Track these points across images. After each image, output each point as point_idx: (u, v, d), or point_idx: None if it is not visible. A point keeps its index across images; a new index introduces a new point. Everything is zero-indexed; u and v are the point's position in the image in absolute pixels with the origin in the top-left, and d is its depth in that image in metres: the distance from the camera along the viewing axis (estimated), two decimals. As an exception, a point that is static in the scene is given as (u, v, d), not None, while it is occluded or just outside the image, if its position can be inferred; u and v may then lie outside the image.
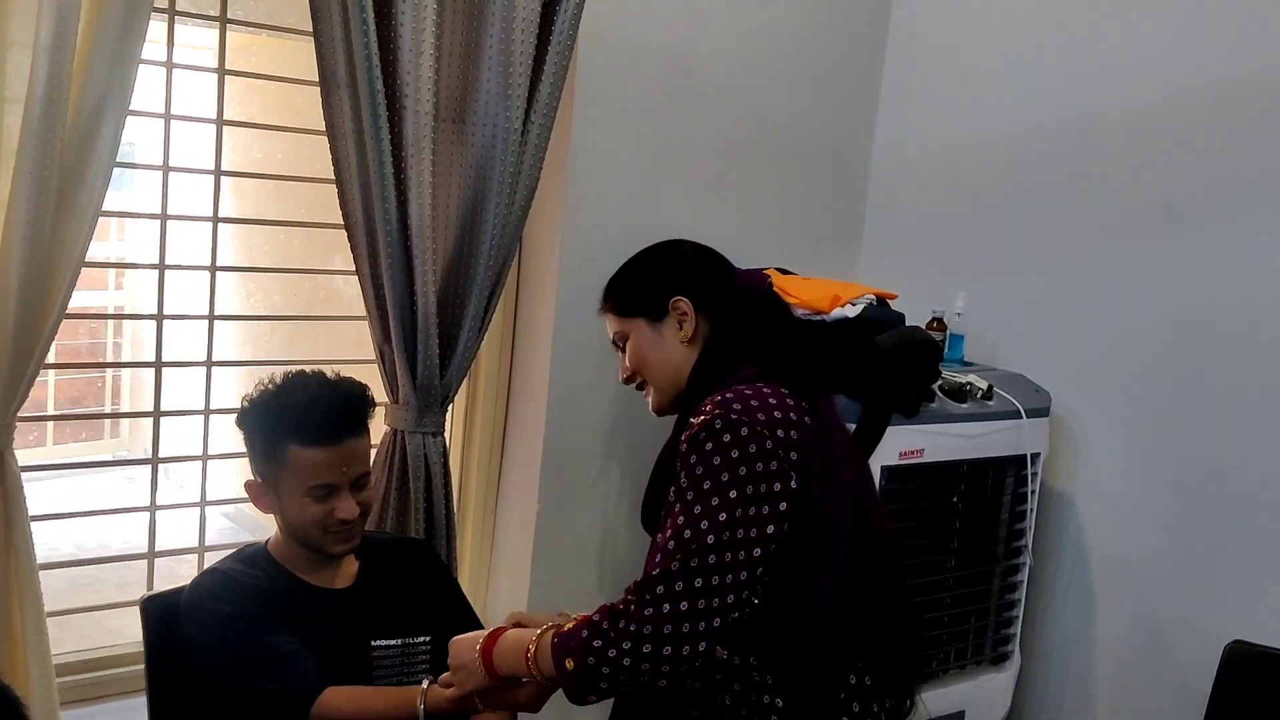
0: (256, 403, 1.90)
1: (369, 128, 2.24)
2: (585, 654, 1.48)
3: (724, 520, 1.48)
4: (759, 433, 1.51)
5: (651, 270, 1.80)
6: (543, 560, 2.78)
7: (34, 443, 6.53)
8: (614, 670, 1.46)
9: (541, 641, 1.57)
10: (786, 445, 1.53)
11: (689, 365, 1.72)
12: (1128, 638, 2.83)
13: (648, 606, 1.46)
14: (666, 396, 1.76)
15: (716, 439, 1.51)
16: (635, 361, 1.77)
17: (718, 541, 1.47)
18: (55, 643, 2.41)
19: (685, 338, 1.72)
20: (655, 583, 1.47)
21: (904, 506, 2.58)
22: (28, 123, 1.88)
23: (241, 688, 1.80)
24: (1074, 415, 2.88)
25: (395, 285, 2.35)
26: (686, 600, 1.46)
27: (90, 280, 6.69)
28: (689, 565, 1.46)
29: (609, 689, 1.50)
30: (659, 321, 1.75)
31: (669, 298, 1.73)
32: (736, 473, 1.49)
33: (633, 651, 1.45)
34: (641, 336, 1.76)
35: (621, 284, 1.82)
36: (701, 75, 2.89)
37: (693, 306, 1.72)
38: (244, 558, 1.97)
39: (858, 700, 1.60)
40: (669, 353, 1.73)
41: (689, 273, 1.77)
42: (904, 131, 3.25)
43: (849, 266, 3.31)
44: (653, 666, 1.46)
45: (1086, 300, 2.87)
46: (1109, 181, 2.83)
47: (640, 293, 1.77)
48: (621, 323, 1.79)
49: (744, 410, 1.53)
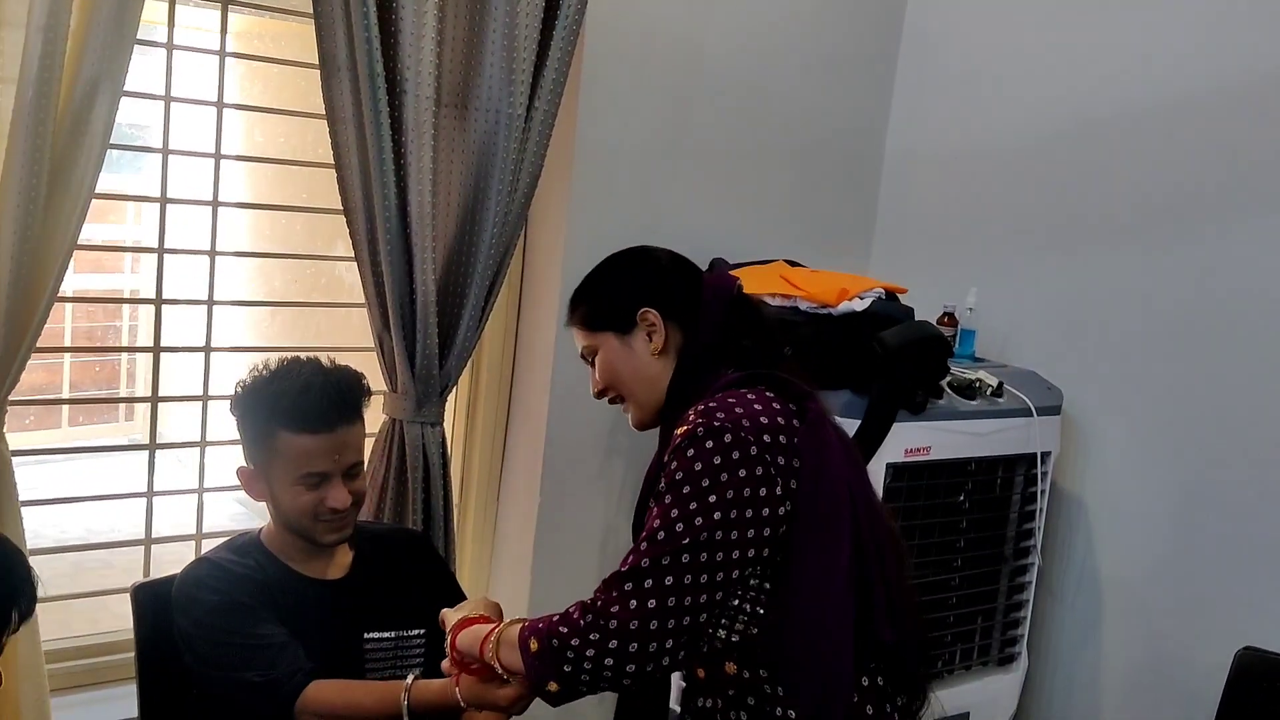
0: (249, 388, 1.87)
1: (369, 112, 2.21)
2: (550, 638, 1.46)
3: (700, 523, 1.45)
4: (743, 439, 1.48)
5: (616, 281, 1.73)
6: (544, 554, 2.76)
7: (50, 425, 6.56)
8: (577, 659, 1.44)
9: (508, 629, 1.57)
10: (774, 450, 1.50)
11: (664, 378, 1.67)
12: (1137, 640, 2.79)
13: (614, 603, 1.44)
14: (646, 411, 1.71)
15: (699, 445, 1.48)
16: (606, 377, 1.72)
17: (693, 542, 1.44)
18: (61, 627, 2.41)
19: (655, 349, 1.67)
20: (625, 579, 1.45)
21: (910, 505, 2.54)
22: (20, 103, 1.85)
23: (227, 678, 1.78)
24: (1086, 414, 2.84)
25: (394, 272, 2.32)
26: (655, 598, 1.43)
27: (105, 264, 6.73)
28: (660, 563, 1.44)
29: (570, 676, 1.46)
30: (627, 334, 1.69)
31: (636, 309, 1.67)
32: (718, 478, 1.46)
33: (598, 644, 1.43)
34: (610, 350, 1.70)
35: (586, 296, 1.75)
36: (711, 63, 2.85)
37: (661, 317, 1.67)
38: (236, 546, 1.95)
39: (871, 703, 1.57)
40: (640, 366, 1.68)
41: (655, 281, 1.70)
42: (917, 124, 3.21)
43: (860, 260, 3.27)
44: (616, 663, 1.43)
45: (1101, 297, 2.83)
46: (1125, 177, 2.79)
47: (606, 305, 1.71)
48: (589, 337, 1.73)
49: (728, 417, 1.50)
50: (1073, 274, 2.88)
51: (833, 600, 1.52)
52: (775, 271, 2.71)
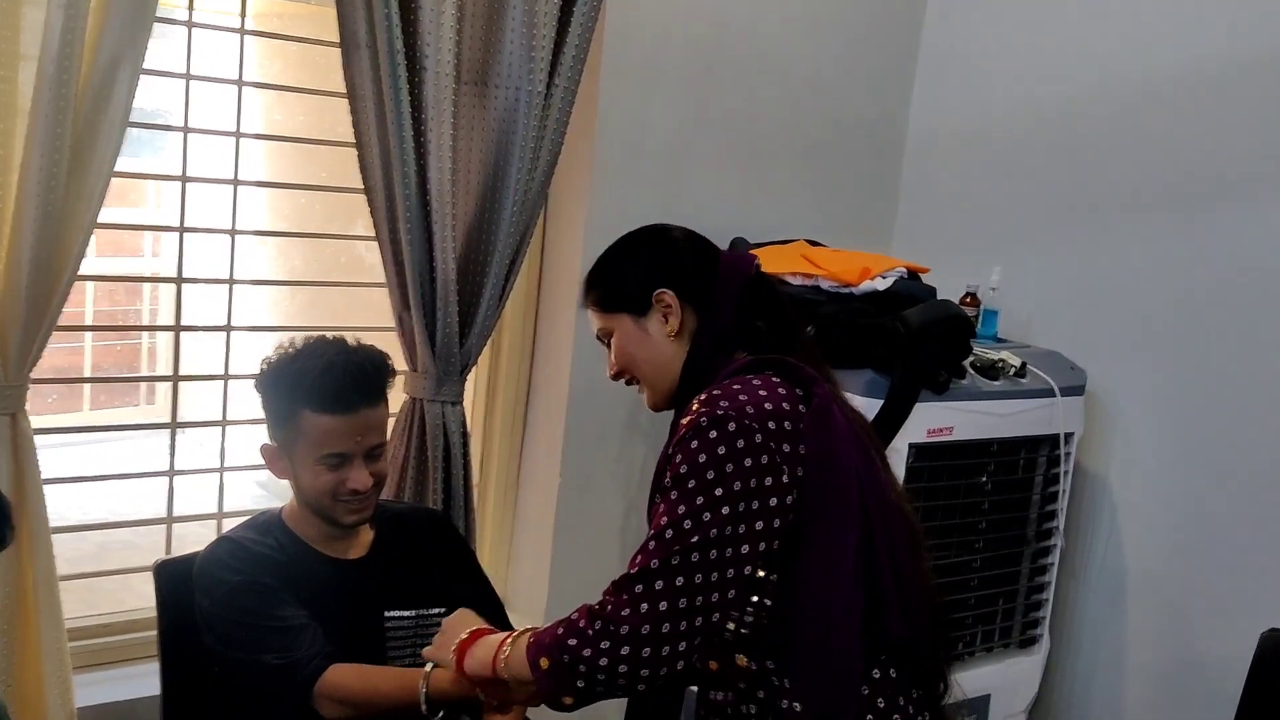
0: (274, 366, 1.87)
1: (389, 90, 2.20)
2: (560, 652, 1.41)
3: (709, 519, 1.41)
4: (747, 427, 1.45)
5: (632, 262, 1.69)
6: (565, 533, 2.75)
7: (72, 408, 6.60)
8: (590, 670, 1.39)
9: (517, 644, 1.50)
10: (779, 437, 1.47)
11: (679, 361, 1.64)
12: (1161, 622, 2.77)
13: (625, 606, 1.39)
14: (660, 394, 1.68)
15: (702, 436, 1.44)
16: (622, 359, 1.68)
17: (703, 539, 1.40)
18: (87, 606, 2.42)
19: (671, 332, 1.63)
20: (634, 581, 1.40)
21: (931, 485, 2.53)
22: (41, 81, 1.85)
23: (247, 659, 1.78)
24: (1110, 394, 2.82)
25: (414, 251, 2.31)
26: (666, 600, 1.38)
27: (126, 247, 6.75)
28: (670, 564, 1.39)
29: (585, 690, 1.41)
30: (643, 316, 1.65)
31: (651, 290, 1.63)
32: (723, 470, 1.42)
33: (610, 652, 1.38)
34: (626, 333, 1.66)
35: (601, 277, 1.71)
36: (734, 42, 2.83)
37: (677, 298, 1.63)
38: (257, 525, 1.95)
39: (883, 695, 1.54)
40: (656, 349, 1.65)
41: (672, 262, 1.66)
42: (940, 103, 3.19)
43: (883, 239, 3.25)
44: (630, 669, 1.38)
45: (1125, 276, 2.80)
46: (1150, 154, 2.76)
47: (621, 287, 1.67)
48: (604, 319, 1.69)
49: (731, 405, 1.46)
50: (1097, 253, 2.86)
51: (839, 591, 1.49)
52: (796, 251, 2.69)
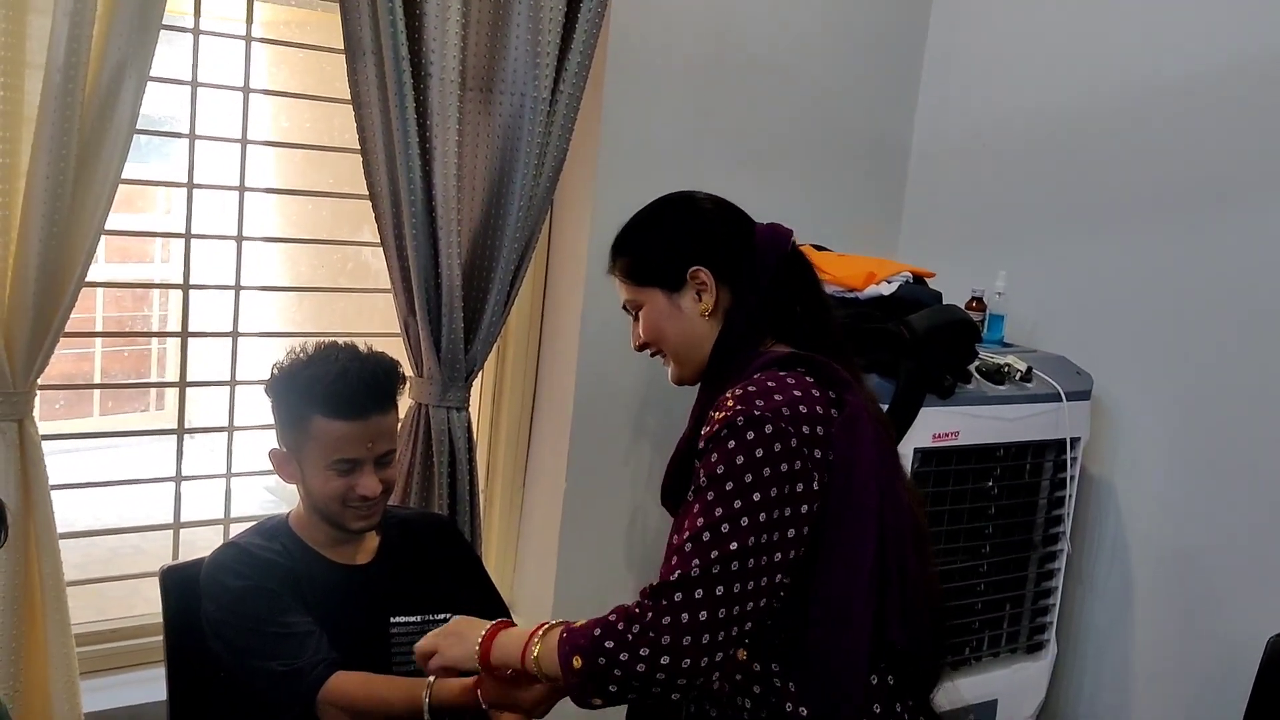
0: (286, 371, 1.87)
1: (394, 96, 2.21)
2: (596, 654, 1.38)
3: (746, 525, 1.39)
4: (784, 430, 1.42)
5: (668, 234, 1.64)
6: (570, 538, 2.75)
7: (81, 414, 6.61)
8: (625, 675, 1.37)
9: (548, 637, 1.47)
10: (811, 443, 1.45)
11: (710, 339, 1.61)
12: (1167, 628, 2.76)
13: (665, 614, 1.36)
14: (687, 369, 1.65)
15: (739, 436, 1.41)
16: (651, 334, 1.65)
17: (741, 547, 1.38)
18: (97, 611, 2.43)
19: (706, 310, 1.60)
20: (673, 589, 1.37)
21: (938, 490, 2.52)
22: (47, 89, 1.87)
23: (252, 665, 1.78)
24: (1116, 399, 2.81)
25: (420, 257, 2.32)
26: (706, 610, 1.36)
27: (135, 254, 6.77)
28: (710, 572, 1.37)
29: (617, 693, 1.40)
30: (676, 292, 1.61)
31: (688, 267, 1.59)
32: (760, 473, 1.40)
33: (649, 660, 1.35)
34: (657, 308, 1.62)
35: (634, 247, 1.66)
36: (738, 47, 2.83)
37: (713, 277, 1.60)
38: (264, 530, 1.95)
39: (879, 701, 1.53)
40: (688, 326, 1.61)
41: (709, 237, 1.61)
42: (946, 108, 3.18)
43: (888, 244, 3.24)
44: (668, 677, 1.37)
45: (1131, 281, 2.80)
46: (1154, 159, 2.75)
47: (656, 260, 1.62)
48: (634, 291, 1.65)
49: (768, 405, 1.44)
50: (1102, 258, 2.85)
51: (854, 601, 1.48)
52: (802, 255, 2.69)
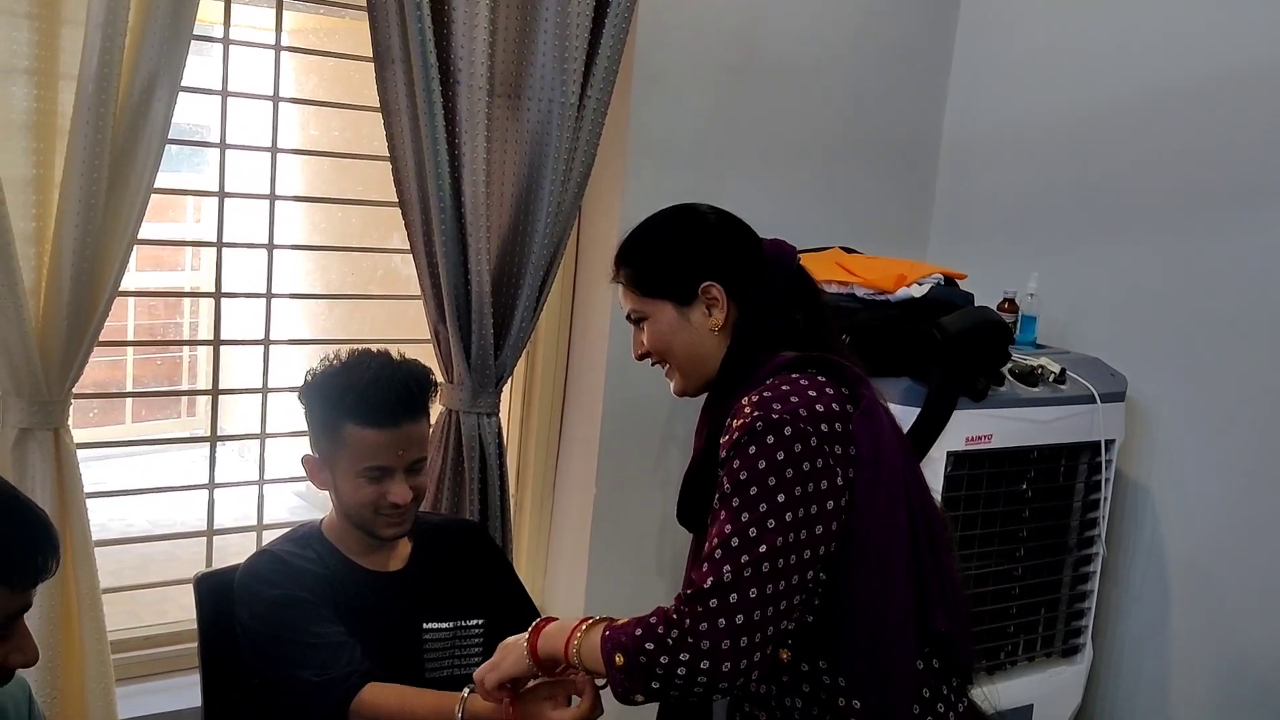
0: (319, 378, 1.88)
1: (423, 103, 2.21)
2: (638, 654, 1.40)
3: (773, 526, 1.40)
4: (803, 430, 1.44)
5: (678, 247, 1.63)
6: (601, 544, 2.75)
7: (114, 421, 6.67)
8: (667, 676, 1.39)
9: (591, 633, 1.49)
10: (832, 440, 1.46)
11: (719, 354, 1.61)
12: (1205, 631, 2.73)
13: (702, 620, 1.37)
14: (691, 382, 1.66)
15: (759, 441, 1.43)
16: (658, 346, 1.65)
17: (770, 549, 1.39)
18: (130, 618, 2.45)
19: (716, 326, 1.60)
20: (708, 595, 1.38)
21: (971, 493, 2.50)
22: (80, 100, 1.88)
23: (284, 675, 1.79)
24: (1152, 401, 2.79)
25: (449, 264, 2.32)
26: (742, 613, 1.37)
27: (167, 262, 6.83)
28: (742, 576, 1.38)
29: (660, 691, 1.42)
30: (686, 306, 1.61)
31: (699, 282, 1.59)
32: (783, 475, 1.41)
33: (689, 663, 1.37)
34: (666, 320, 1.62)
35: (643, 258, 1.65)
36: (765, 49, 2.82)
37: (724, 292, 1.59)
38: (297, 538, 1.96)
39: (928, 685, 1.55)
40: (697, 340, 1.62)
41: (721, 252, 1.61)
42: (976, 106, 3.17)
43: (918, 246, 3.23)
44: (710, 680, 1.38)
45: (1166, 281, 2.77)
46: (1190, 157, 2.72)
47: (667, 273, 1.62)
48: (641, 302, 1.64)
49: (785, 408, 1.45)
50: (1136, 258, 2.82)
51: (894, 590, 1.49)
52: (831, 258, 2.68)
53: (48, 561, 1.22)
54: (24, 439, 1.98)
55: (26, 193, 1.93)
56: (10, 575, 1.18)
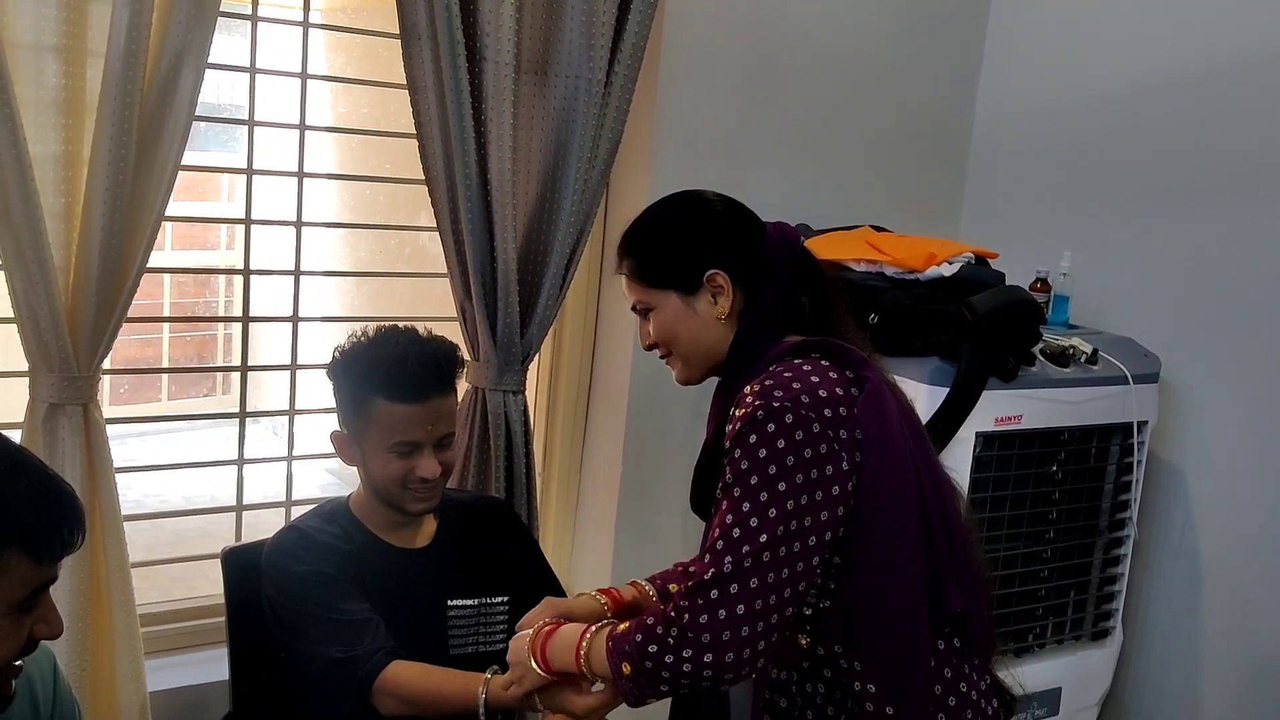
0: (347, 354, 1.89)
1: (449, 81, 2.21)
2: (642, 659, 1.41)
3: (775, 515, 1.39)
4: (805, 417, 1.42)
5: (683, 236, 1.61)
6: (627, 522, 2.75)
7: (149, 399, 6.75)
8: (674, 675, 1.39)
9: (595, 641, 1.50)
10: (836, 424, 1.44)
11: (725, 341, 1.59)
12: (1237, 616, 2.70)
13: (702, 613, 1.37)
14: (696, 371, 1.65)
15: (760, 430, 1.41)
16: (664, 336, 1.63)
17: (771, 538, 1.38)
18: (162, 592, 2.48)
19: (722, 314, 1.57)
20: (708, 587, 1.38)
21: (1001, 474, 2.48)
22: (108, 77, 1.89)
23: (310, 650, 1.80)
24: (1185, 382, 2.75)
25: (475, 241, 2.32)
26: (743, 603, 1.37)
27: (202, 241, 6.89)
28: (742, 566, 1.38)
29: (670, 691, 1.43)
30: (691, 295, 1.59)
31: (704, 270, 1.57)
32: (784, 462, 1.40)
33: (693, 659, 1.37)
34: (671, 310, 1.60)
35: (646, 248, 1.63)
36: (795, 25, 2.79)
37: (730, 281, 1.57)
38: (324, 513, 1.97)
39: (949, 665, 1.54)
40: (703, 329, 1.60)
41: (724, 239, 1.59)
42: (1009, 84, 3.12)
43: (950, 224, 3.19)
44: (715, 673, 1.38)
45: (1200, 260, 2.73)
46: (1225, 133, 2.68)
47: (671, 262, 1.60)
48: (645, 292, 1.62)
49: (786, 395, 1.43)
50: (1170, 237, 2.78)
51: (903, 573, 1.48)
52: (861, 237, 2.65)
53: (73, 535, 1.23)
54: (54, 414, 2.00)
55: (56, 170, 1.94)
56: (36, 548, 1.19)
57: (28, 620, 1.23)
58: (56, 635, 1.27)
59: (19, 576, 1.19)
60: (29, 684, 1.39)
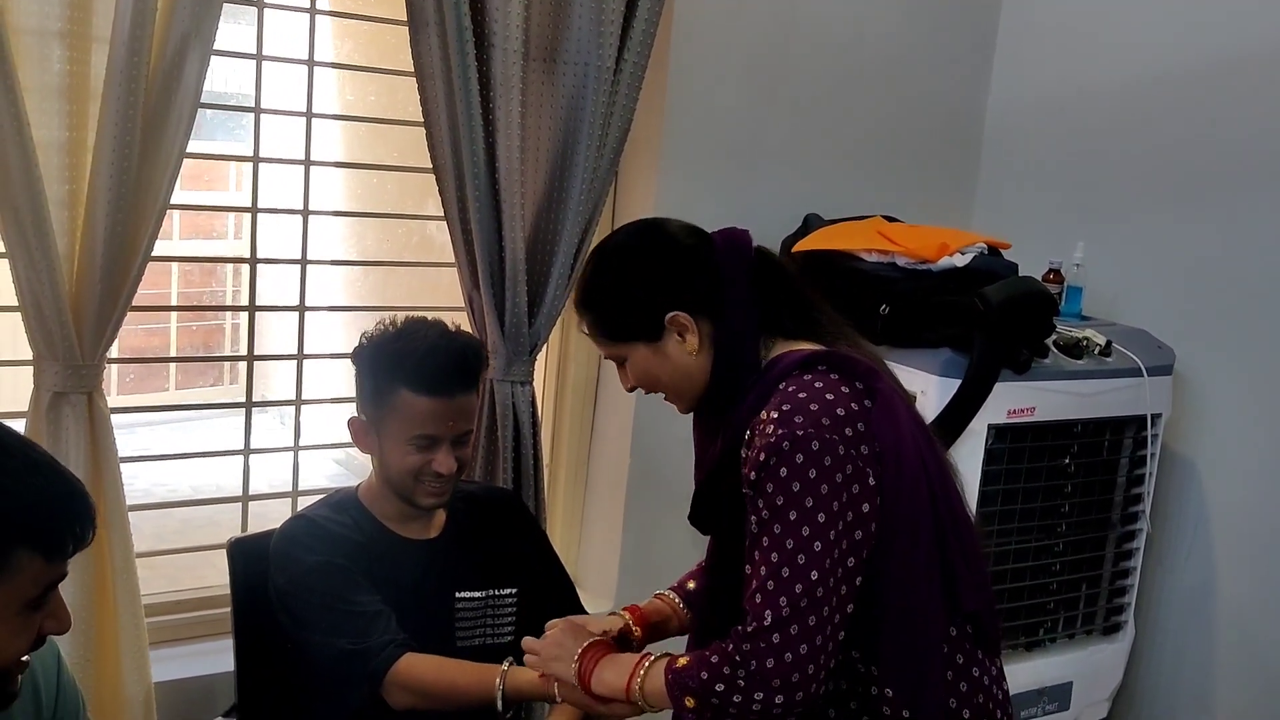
0: (375, 342, 1.88)
1: (457, 67, 2.19)
2: (708, 695, 1.42)
3: (820, 549, 1.40)
4: (829, 440, 1.42)
5: (633, 287, 1.58)
6: (635, 514, 2.74)
7: (156, 388, 6.76)
8: (742, 711, 1.41)
9: (652, 674, 1.51)
10: (857, 442, 1.45)
11: (705, 370, 1.58)
12: (1251, 611, 2.69)
13: (768, 657, 1.39)
14: (690, 400, 1.63)
15: (789, 461, 1.41)
16: (645, 381, 1.63)
17: (821, 573, 1.40)
18: (170, 581, 2.46)
19: (692, 350, 1.56)
20: (770, 631, 1.39)
21: (1013, 467, 2.46)
22: (112, 63, 1.88)
23: (320, 642, 1.79)
24: (1199, 374, 2.73)
25: (483, 230, 2.30)
26: (806, 642, 1.39)
27: (210, 230, 6.89)
28: (799, 606, 1.39)
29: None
30: (658, 340, 1.57)
31: (663, 315, 1.55)
32: (818, 491, 1.40)
33: (764, 700, 1.39)
34: (643, 358, 1.59)
35: (600, 306, 1.62)
36: (807, 13, 2.77)
37: (691, 317, 1.55)
38: (334, 503, 1.96)
39: (960, 651, 1.55)
40: (680, 367, 1.58)
41: (675, 279, 1.57)
42: (1022, 73, 3.10)
43: (962, 215, 3.17)
44: (785, 709, 1.40)
45: (1215, 252, 2.71)
46: (1240, 125, 2.66)
47: (627, 316, 1.58)
48: (614, 347, 1.62)
49: (807, 419, 1.43)
50: (1185, 228, 2.76)
51: (920, 580, 1.49)
52: (872, 227, 2.63)
53: (85, 532, 1.22)
54: (58, 402, 1.98)
55: (60, 156, 1.92)
56: (48, 547, 1.18)
57: (38, 617, 1.22)
58: (65, 630, 1.26)
59: (31, 575, 1.18)
60: (32, 675, 1.38)
